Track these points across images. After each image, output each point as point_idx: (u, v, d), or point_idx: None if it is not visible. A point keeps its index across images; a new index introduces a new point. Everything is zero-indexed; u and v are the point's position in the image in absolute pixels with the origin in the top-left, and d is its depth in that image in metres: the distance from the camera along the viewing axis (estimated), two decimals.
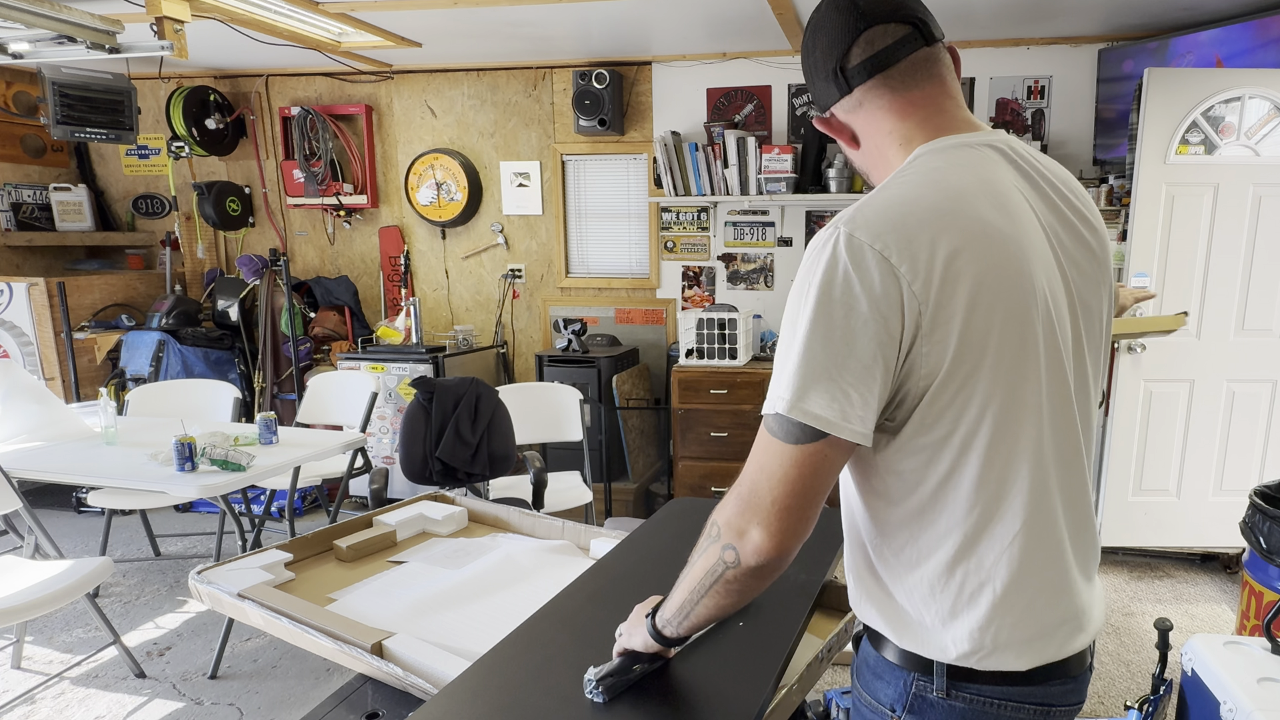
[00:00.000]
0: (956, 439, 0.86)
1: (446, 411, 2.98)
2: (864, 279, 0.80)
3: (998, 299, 0.84)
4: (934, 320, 0.82)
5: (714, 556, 0.90)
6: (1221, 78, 3.30)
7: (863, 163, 1.01)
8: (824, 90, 0.97)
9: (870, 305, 0.80)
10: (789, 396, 0.82)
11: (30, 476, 2.79)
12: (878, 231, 0.82)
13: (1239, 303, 3.45)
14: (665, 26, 3.77)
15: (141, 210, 5.10)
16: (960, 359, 0.83)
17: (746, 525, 0.86)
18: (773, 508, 0.84)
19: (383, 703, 1.27)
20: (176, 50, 2.89)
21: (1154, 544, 3.71)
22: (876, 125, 0.96)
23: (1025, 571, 0.89)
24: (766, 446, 0.85)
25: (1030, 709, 0.91)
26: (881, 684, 0.97)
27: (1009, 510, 0.88)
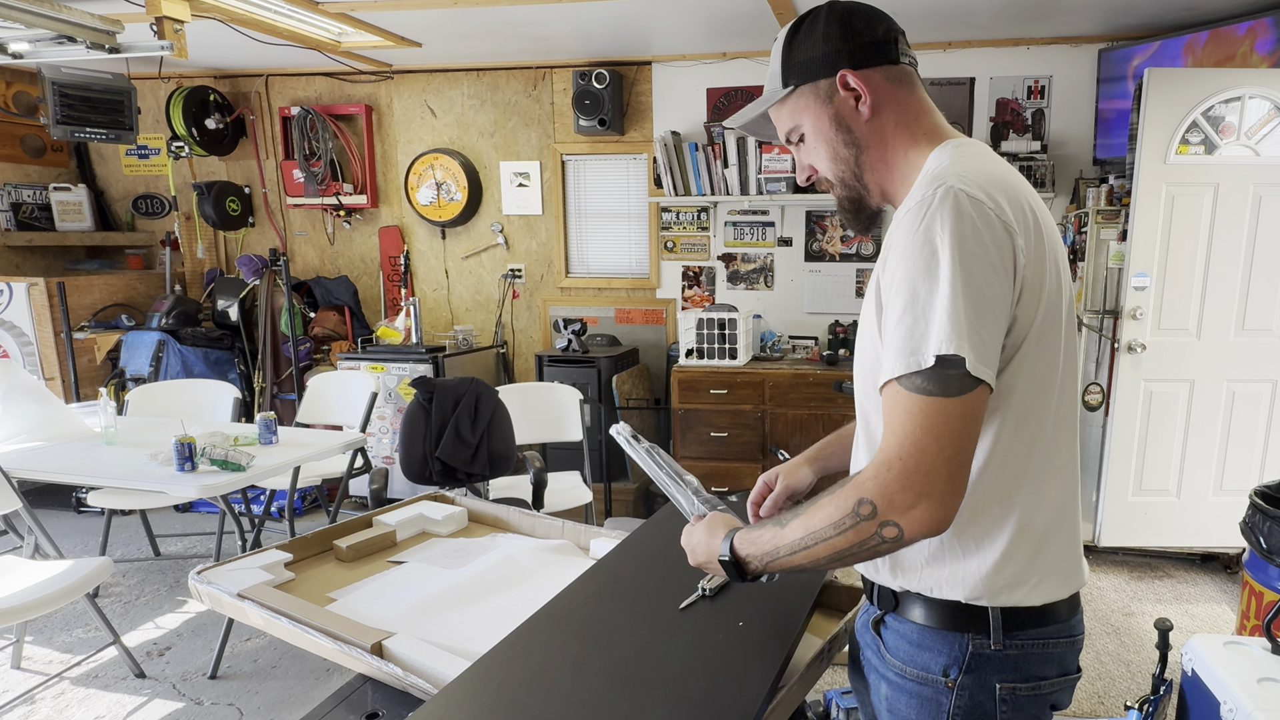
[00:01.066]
0: (1037, 385, 0.94)
1: (446, 411, 2.98)
2: (990, 232, 0.86)
3: (1060, 268, 0.96)
4: (1032, 278, 0.90)
5: (867, 533, 0.87)
6: (1221, 78, 3.29)
7: (857, 129, 1.03)
8: (853, 55, 1.01)
9: (998, 256, 0.87)
10: (943, 346, 0.83)
11: (30, 476, 2.79)
12: (989, 191, 0.88)
13: (1239, 303, 3.45)
14: (665, 26, 3.77)
15: (141, 210, 5.10)
16: (1046, 315, 0.92)
17: (915, 499, 0.84)
18: (944, 469, 0.84)
19: (383, 703, 1.26)
20: (176, 50, 2.89)
21: (1154, 544, 3.71)
22: (899, 102, 1.03)
23: (1068, 505, 1.01)
24: (925, 408, 0.84)
25: (1064, 642, 1.02)
26: (928, 654, 1.01)
27: (1063, 449, 0.99)
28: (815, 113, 1.04)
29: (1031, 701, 1.01)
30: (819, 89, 1.03)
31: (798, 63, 1.04)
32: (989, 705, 0.99)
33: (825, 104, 1.03)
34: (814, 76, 1.03)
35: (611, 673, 1.16)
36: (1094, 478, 3.73)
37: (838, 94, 1.02)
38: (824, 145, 1.06)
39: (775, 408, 3.99)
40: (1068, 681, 1.04)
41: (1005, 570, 0.97)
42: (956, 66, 4.13)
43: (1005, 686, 0.99)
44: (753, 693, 1.10)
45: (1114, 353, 3.58)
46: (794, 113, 1.07)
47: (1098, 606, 3.34)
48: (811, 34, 1.03)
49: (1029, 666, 1.00)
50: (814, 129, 1.05)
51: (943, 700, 0.99)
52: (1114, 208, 3.61)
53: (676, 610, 1.35)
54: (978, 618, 0.98)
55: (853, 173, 1.06)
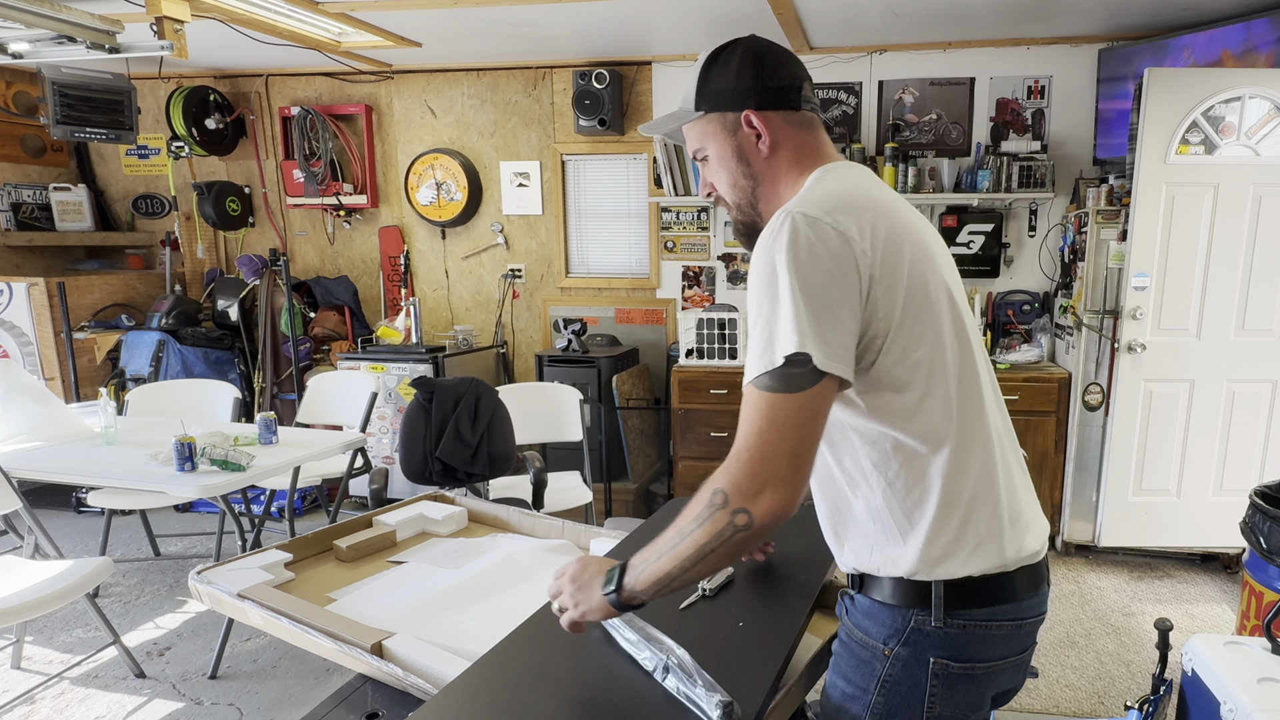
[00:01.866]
0: (924, 367, 1.01)
1: (446, 411, 2.98)
2: (825, 244, 0.95)
3: (926, 259, 1.04)
4: (884, 276, 0.98)
5: (722, 522, 0.94)
6: (1221, 78, 3.30)
7: (756, 164, 1.14)
8: (759, 95, 1.11)
9: (835, 264, 0.95)
10: (788, 347, 0.92)
11: (30, 476, 2.79)
12: (826, 209, 0.98)
13: (1239, 303, 3.45)
14: (665, 26, 3.77)
15: (141, 210, 5.10)
16: (909, 304, 1.00)
17: (760, 486, 0.92)
18: (786, 458, 0.92)
19: (383, 703, 1.26)
20: (176, 50, 2.89)
21: (1154, 544, 3.71)
22: (796, 144, 1.13)
23: (990, 473, 1.05)
24: (768, 403, 0.93)
25: (1009, 625, 1.06)
26: (873, 624, 1.08)
27: (975, 420, 1.05)
28: (720, 140, 1.14)
29: (963, 680, 1.05)
30: (726, 120, 1.13)
31: (711, 90, 1.13)
32: (920, 678, 1.05)
33: (730, 135, 1.14)
34: (722, 107, 1.13)
35: (611, 673, 1.16)
36: (1094, 478, 3.73)
37: (741, 129, 1.13)
38: (725, 172, 1.16)
39: None
40: (1010, 664, 1.08)
41: (937, 542, 1.03)
42: (956, 66, 4.13)
43: (939, 662, 1.04)
44: (753, 693, 1.11)
45: (1114, 353, 3.58)
46: (702, 135, 1.16)
47: (1098, 606, 3.34)
48: (727, 67, 1.12)
49: (968, 646, 1.05)
50: (717, 155, 1.16)
51: (876, 665, 1.07)
52: (1114, 208, 3.61)
53: (676, 610, 1.35)
54: (923, 594, 1.04)
55: (749, 201, 1.17)
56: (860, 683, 1.09)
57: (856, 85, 4.24)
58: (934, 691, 1.05)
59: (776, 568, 1.52)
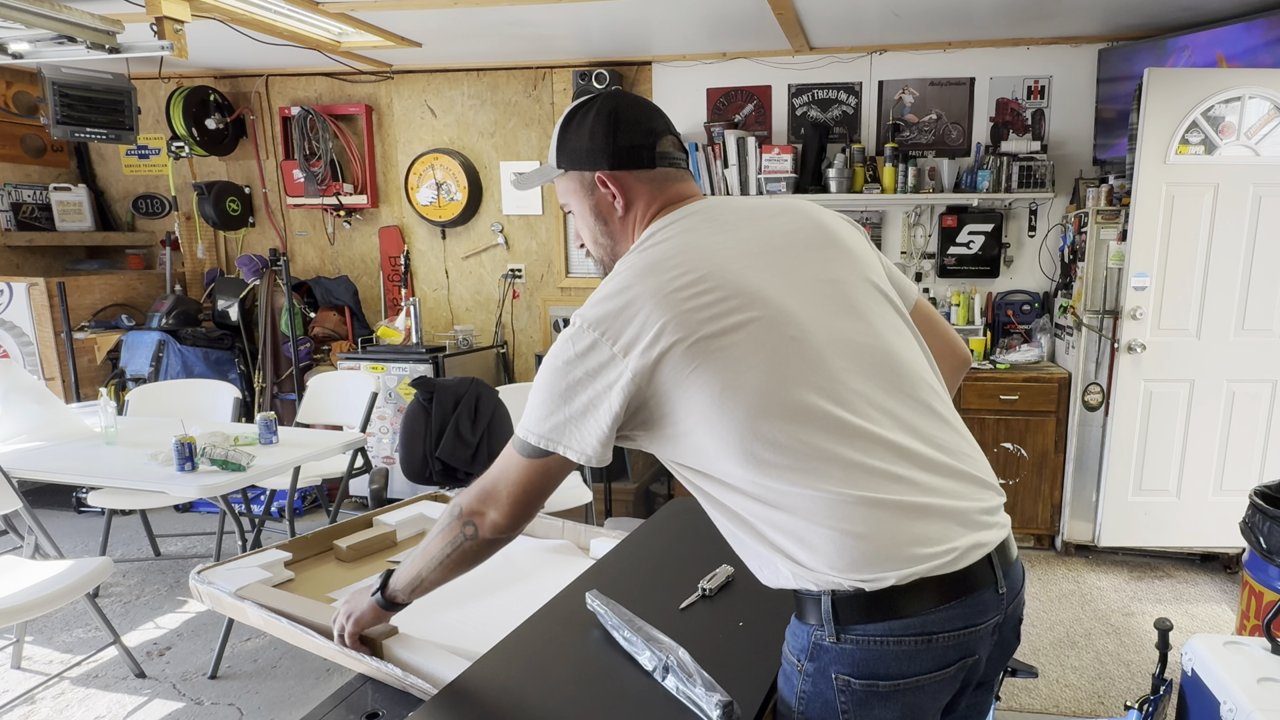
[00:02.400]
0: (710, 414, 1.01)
1: (446, 411, 2.98)
2: (577, 351, 1.05)
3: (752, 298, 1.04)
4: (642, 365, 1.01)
5: (455, 531, 1.16)
6: (1221, 78, 3.30)
7: (612, 224, 1.20)
8: (610, 156, 1.15)
9: (579, 368, 1.04)
10: (529, 426, 1.08)
11: (30, 476, 2.79)
12: (593, 321, 1.05)
13: (1239, 303, 3.45)
14: (665, 26, 3.77)
15: (141, 210, 5.10)
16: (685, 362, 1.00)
17: (485, 509, 1.13)
18: (507, 500, 1.13)
19: (383, 703, 1.26)
20: (176, 50, 2.89)
21: (1154, 544, 3.71)
22: (651, 200, 1.17)
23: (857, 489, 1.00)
24: (510, 458, 1.12)
25: (913, 640, 1.00)
26: (793, 638, 1.09)
27: (818, 443, 1.00)
28: (579, 198, 1.20)
29: (871, 696, 1.01)
30: (583, 178, 1.18)
31: (569, 149, 1.18)
32: (829, 694, 1.04)
33: (588, 194, 1.18)
34: (579, 165, 1.17)
35: (611, 673, 1.16)
36: (1094, 478, 3.73)
37: (597, 189, 1.17)
38: (586, 229, 1.22)
39: None
40: (931, 680, 1.02)
41: (807, 556, 1.01)
42: (956, 66, 4.13)
43: (841, 679, 1.02)
44: (753, 693, 1.11)
45: (1114, 353, 3.58)
46: (565, 192, 1.21)
47: (1098, 606, 3.34)
48: (582, 126, 1.16)
49: (867, 663, 1.01)
50: (578, 212, 1.21)
51: (795, 681, 1.07)
52: (1114, 208, 3.61)
53: (677, 610, 1.35)
54: (817, 609, 1.02)
55: (609, 257, 1.22)
56: (788, 698, 1.08)
57: (856, 85, 4.24)
58: (844, 708, 1.03)
59: None
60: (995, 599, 1.05)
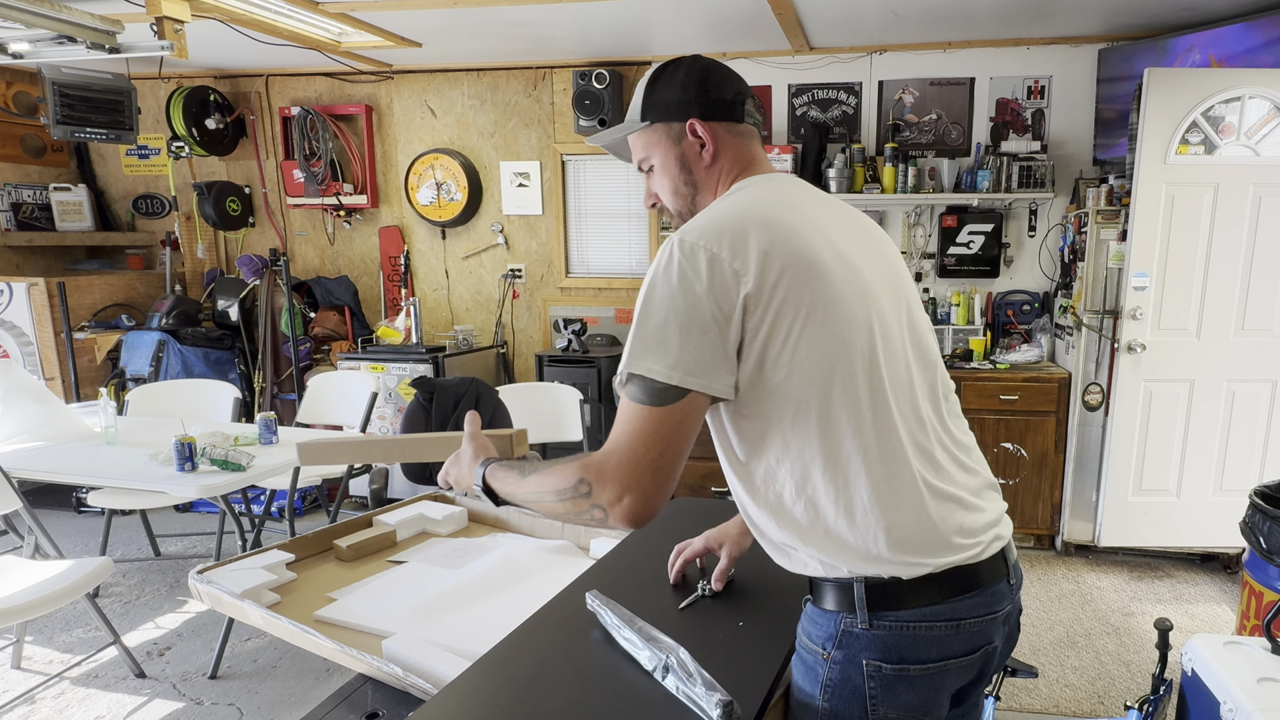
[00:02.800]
0: (800, 374, 1.01)
1: (446, 411, 2.98)
2: (693, 268, 0.99)
3: (810, 271, 1.02)
4: (753, 291, 0.99)
5: (580, 508, 1.02)
6: (1221, 78, 3.30)
7: (698, 172, 1.20)
8: (703, 106, 1.17)
9: (700, 285, 0.99)
10: (636, 366, 0.98)
11: (30, 476, 2.79)
12: (704, 231, 1.02)
13: (1239, 303, 3.45)
14: (665, 26, 3.77)
15: (141, 210, 5.10)
16: (780, 316, 1.00)
17: (620, 492, 0.98)
18: (650, 469, 0.98)
19: (383, 703, 1.26)
20: (176, 50, 2.89)
21: (1154, 544, 3.71)
22: (735, 154, 1.19)
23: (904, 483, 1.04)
24: (636, 413, 0.99)
25: (944, 626, 1.05)
26: (815, 629, 1.10)
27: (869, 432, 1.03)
28: (665, 149, 1.19)
29: (899, 681, 1.05)
30: (670, 129, 1.18)
31: (656, 102, 1.18)
32: (857, 680, 1.06)
33: (674, 144, 1.19)
34: (667, 117, 1.18)
35: (611, 673, 1.16)
36: (1094, 478, 3.73)
37: (685, 138, 1.18)
38: (668, 180, 1.21)
39: None
40: (956, 664, 1.07)
41: (839, 546, 1.04)
42: (956, 66, 4.13)
43: (871, 664, 1.05)
44: (753, 693, 1.11)
45: (1114, 353, 3.58)
46: (647, 145, 1.21)
47: (1098, 606, 3.34)
48: (672, 80, 1.18)
49: (898, 648, 1.05)
50: (661, 164, 1.20)
51: (820, 670, 1.08)
52: (1114, 208, 3.62)
53: (677, 610, 1.35)
54: (848, 595, 1.05)
55: (688, 208, 1.21)
56: (809, 689, 1.10)
57: (856, 85, 4.24)
58: (873, 694, 1.06)
59: (776, 568, 1.52)
60: (1008, 589, 1.12)
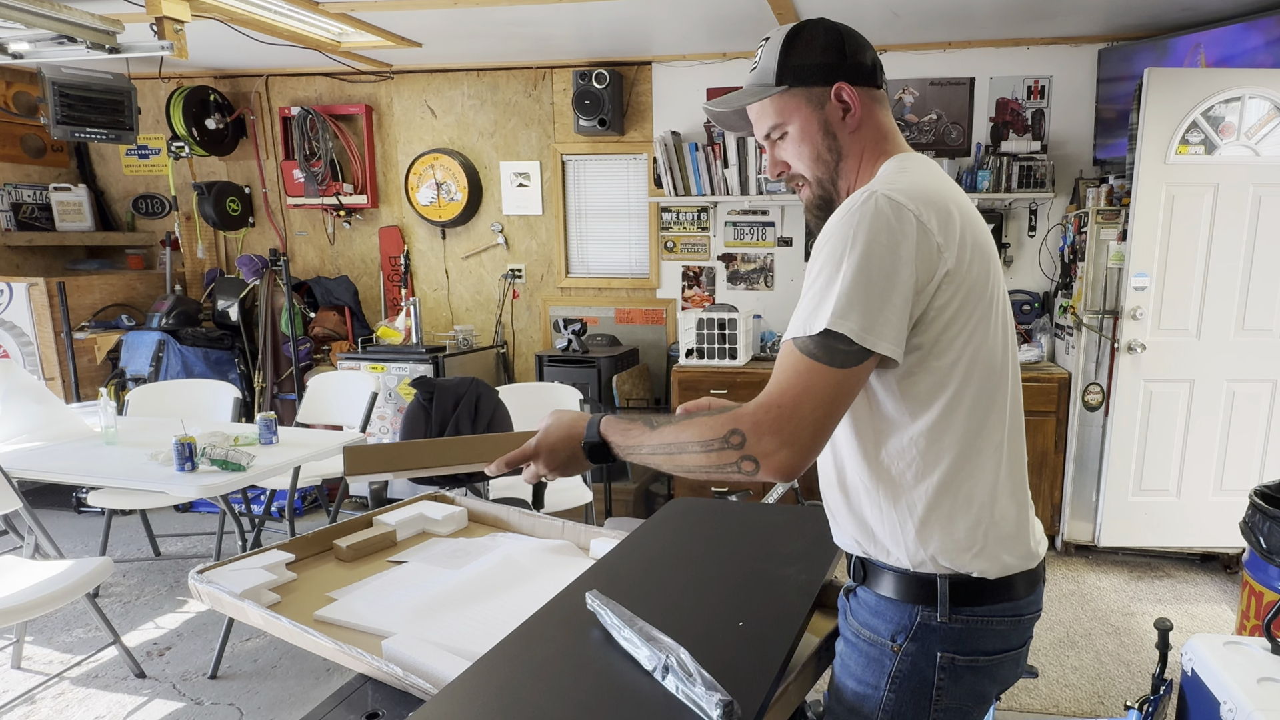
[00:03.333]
0: (963, 364, 1.04)
1: (446, 411, 2.98)
2: (901, 228, 0.97)
3: (987, 262, 1.06)
4: (953, 274, 1.00)
5: (729, 459, 0.98)
6: (1221, 78, 3.30)
7: (842, 138, 1.15)
8: (847, 71, 1.13)
9: (906, 249, 0.97)
10: (830, 322, 0.94)
11: (30, 476, 2.79)
12: (910, 195, 1.00)
13: (1239, 303, 3.45)
14: (665, 26, 3.77)
15: (141, 210, 5.10)
16: (965, 306, 1.02)
17: (778, 445, 0.95)
18: (811, 427, 0.95)
19: (383, 703, 1.26)
20: (176, 50, 2.89)
21: (1154, 544, 3.71)
22: (877, 122, 1.16)
23: (1007, 481, 1.09)
24: (809, 369, 0.95)
25: (1009, 620, 1.11)
26: (881, 621, 1.11)
27: (995, 426, 1.07)
28: (805, 115, 1.13)
29: (968, 672, 1.10)
30: (811, 94, 1.12)
31: (794, 66, 1.12)
32: (928, 672, 1.09)
33: (816, 109, 1.13)
34: (808, 81, 1.12)
35: (611, 673, 1.16)
36: (1094, 478, 3.73)
37: (829, 103, 1.12)
38: (808, 146, 1.15)
39: None
40: (1009, 656, 1.13)
41: (946, 539, 1.06)
42: (956, 66, 4.13)
43: (945, 656, 1.08)
44: (753, 693, 1.11)
45: (1114, 353, 3.58)
46: (781, 111, 1.14)
47: (1098, 606, 3.34)
48: (811, 43, 1.12)
49: (971, 640, 1.09)
50: (801, 130, 1.14)
51: (886, 662, 1.10)
52: (1114, 208, 3.61)
53: (677, 610, 1.35)
54: (929, 590, 1.08)
55: (830, 176, 1.16)
56: (871, 680, 1.12)
57: None
58: (941, 684, 1.09)
59: (776, 567, 1.52)
60: (1042, 588, 1.18)
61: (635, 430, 1.09)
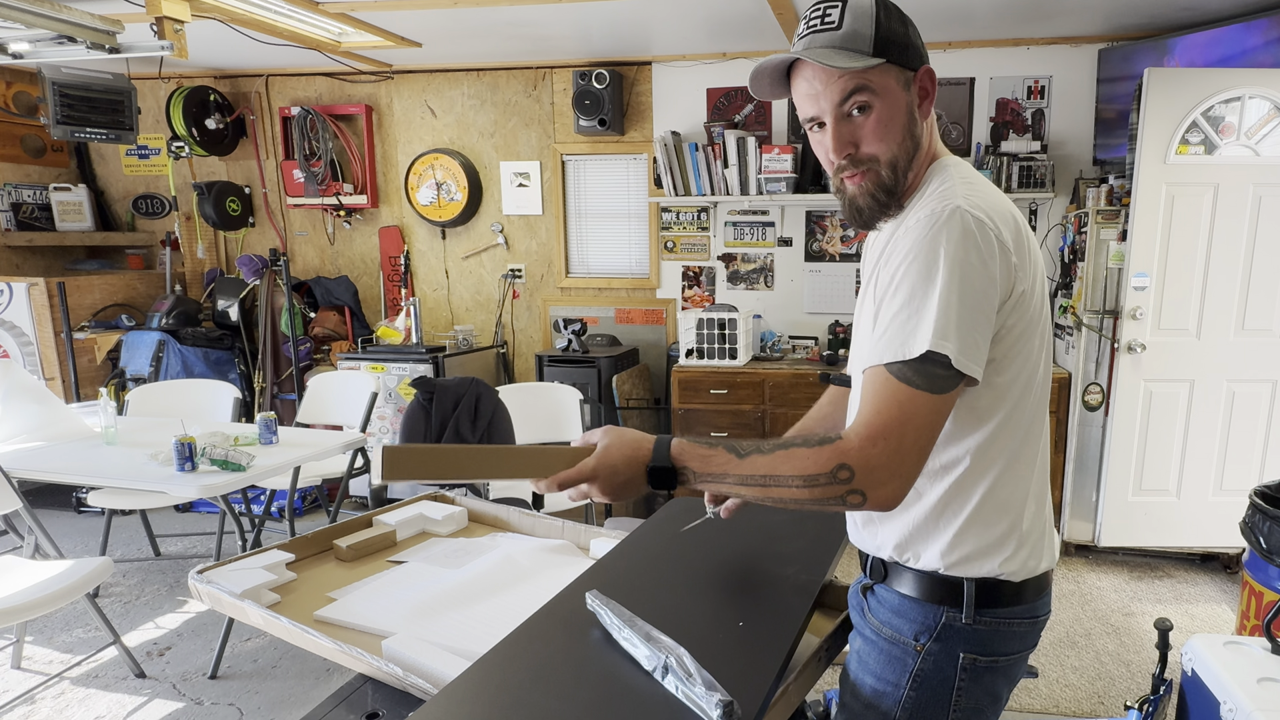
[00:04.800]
0: (1021, 380, 1.05)
1: (446, 411, 2.98)
2: (988, 248, 0.97)
3: (1043, 280, 1.09)
4: (1026, 289, 1.02)
5: (834, 494, 0.95)
6: (1221, 78, 3.30)
7: (921, 123, 1.09)
8: (924, 55, 1.08)
9: (993, 269, 0.97)
10: (931, 344, 0.92)
11: (30, 476, 2.79)
12: (989, 212, 0.99)
13: (1239, 303, 3.45)
14: (665, 26, 3.77)
15: (141, 210, 5.10)
16: (1030, 320, 1.04)
17: (888, 477, 0.93)
18: (916, 457, 0.94)
19: (383, 703, 1.26)
20: (176, 50, 2.89)
21: (1154, 544, 3.71)
22: (931, 117, 1.12)
23: (1040, 484, 1.13)
24: (910, 399, 0.94)
25: (1027, 622, 1.13)
26: (904, 620, 1.12)
27: (1036, 435, 1.10)
28: (896, 95, 1.04)
29: (988, 672, 1.12)
30: (903, 75, 1.04)
31: (892, 40, 1.01)
32: (950, 671, 1.10)
33: (904, 90, 1.05)
34: (904, 59, 1.03)
35: (611, 673, 1.16)
36: (1094, 478, 3.73)
37: (914, 86, 1.06)
38: (896, 129, 1.05)
39: (775, 408, 3.99)
40: (1023, 656, 1.16)
41: (980, 543, 1.08)
42: (956, 66, 4.13)
43: (968, 657, 1.10)
44: (753, 693, 1.11)
45: (1114, 353, 3.58)
46: (874, 84, 1.02)
47: (1098, 606, 3.34)
48: (898, 19, 1.03)
49: (993, 641, 1.11)
50: (890, 110, 1.04)
51: (908, 661, 1.11)
52: (1114, 208, 3.61)
53: (676, 609, 1.35)
54: (954, 592, 1.09)
55: (906, 164, 1.08)
56: (892, 678, 1.13)
57: None
58: (961, 684, 1.10)
59: (776, 567, 1.52)
60: (1051, 590, 1.20)
61: (717, 458, 1.01)
